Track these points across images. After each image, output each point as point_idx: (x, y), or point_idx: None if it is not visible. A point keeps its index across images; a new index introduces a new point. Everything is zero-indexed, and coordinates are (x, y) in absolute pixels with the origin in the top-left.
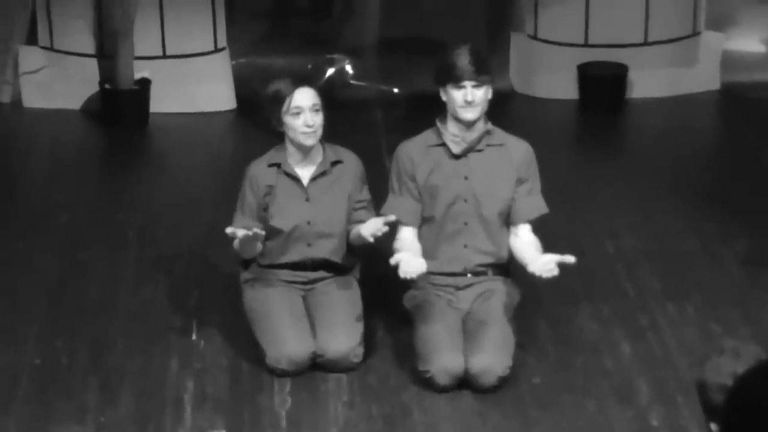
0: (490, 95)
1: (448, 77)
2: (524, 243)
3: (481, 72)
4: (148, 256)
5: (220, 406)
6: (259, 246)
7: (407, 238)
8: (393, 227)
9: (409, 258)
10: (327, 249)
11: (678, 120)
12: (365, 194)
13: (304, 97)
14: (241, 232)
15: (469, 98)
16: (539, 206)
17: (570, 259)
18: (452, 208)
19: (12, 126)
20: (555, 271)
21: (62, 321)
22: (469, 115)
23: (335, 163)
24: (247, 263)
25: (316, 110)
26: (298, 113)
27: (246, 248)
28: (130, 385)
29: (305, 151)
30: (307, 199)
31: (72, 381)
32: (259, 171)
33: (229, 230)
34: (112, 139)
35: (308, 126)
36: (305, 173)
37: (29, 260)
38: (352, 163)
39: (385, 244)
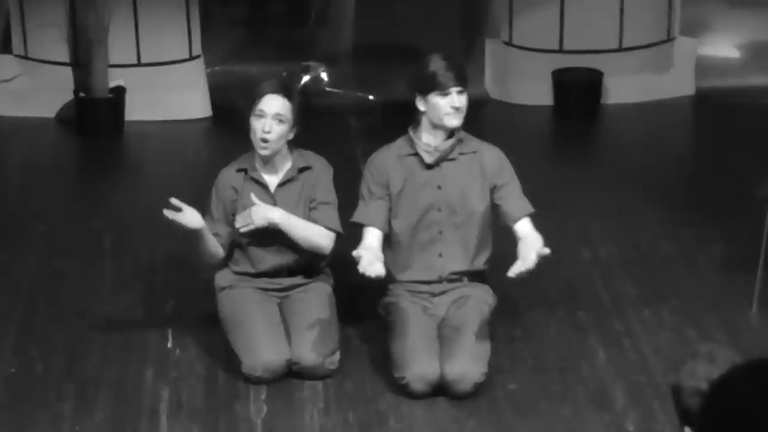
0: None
1: (432, 86)
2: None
3: (463, 78)
4: (124, 265)
5: (195, 414)
6: (212, 244)
7: (372, 242)
8: (359, 233)
9: (372, 259)
10: (296, 253)
11: (653, 125)
12: (324, 196)
13: (270, 104)
14: (188, 209)
15: (456, 104)
16: (526, 206)
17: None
18: (426, 217)
19: None
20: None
21: (37, 329)
22: (455, 121)
23: (303, 169)
24: (220, 268)
25: (279, 120)
26: (260, 116)
27: (197, 238)
28: (106, 393)
29: (265, 159)
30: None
31: (47, 390)
32: (226, 176)
33: (173, 200)
34: (87, 147)
35: (264, 132)
36: (272, 179)
37: (4, 269)
38: (319, 169)
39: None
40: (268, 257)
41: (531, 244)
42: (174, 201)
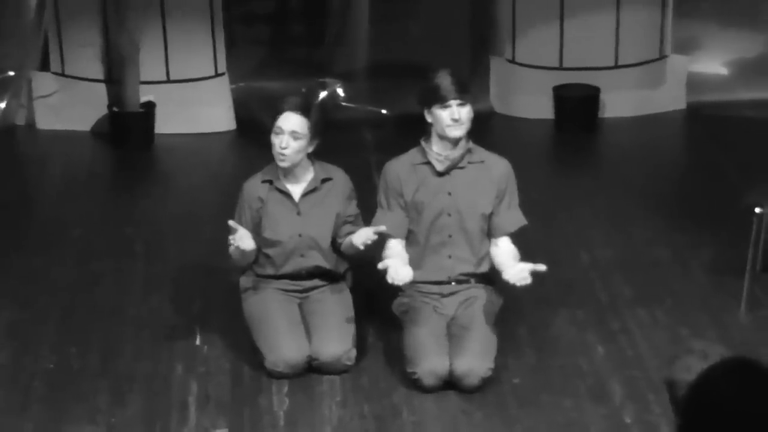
0: (471, 114)
1: (434, 99)
2: (503, 252)
3: (464, 91)
4: (155, 267)
5: (222, 407)
6: (252, 253)
7: (395, 248)
8: (382, 238)
9: (398, 265)
10: (318, 258)
11: (647, 138)
12: (353, 209)
13: (287, 122)
14: (242, 230)
15: (455, 116)
16: (518, 219)
17: (541, 267)
18: (437, 222)
19: (26, 147)
20: (528, 280)
21: (75, 328)
22: (456, 132)
23: (325, 180)
24: (244, 271)
25: (296, 137)
26: (277, 133)
27: (240, 253)
28: (139, 387)
29: (285, 171)
30: (299, 213)
31: (84, 384)
32: (252, 187)
33: (231, 222)
34: (120, 158)
35: (281, 147)
36: (296, 189)
37: (44, 272)
38: (340, 180)
39: (376, 254)
40: (290, 262)
41: (515, 257)
42: (231, 223)
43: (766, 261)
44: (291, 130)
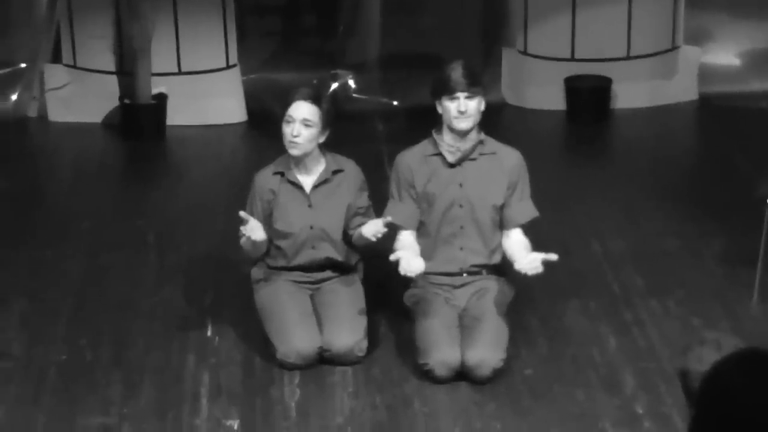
0: (482, 107)
1: (443, 90)
2: (515, 243)
3: (473, 84)
4: (166, 259)
5: (234, 398)
6: (263, 244)
7: (407, 239)
8: (393, 229)
9: (410, 257)
10: (329, 250)
11: (659, 128)
12: (364, 200)
13: (298, 110)
14: (253, 221)
15: (462, 108)
16: (530, 211)
17: (553, 257)
18: (448, 213)
19: (38, 139)
20: (539, 269)
21: (87, 320)
22: (462, 124)
23: (336, 171)
24: (255, 262)
25: (307, 125)
26: (289, 122)
27: (251, 244)
28: (151, 379)
29: (296, 160)
30: (310, 205)
31: (96, 376)
32: (264, 178)
33: (242, 213)
34: (131, 150)
35: (293, 135)
36: (308, 181)
37: (56, 264)
38: (352, 172)
39: (387, 245)
40: (301, 253)
41: (527, 248)
42: (242, 214)
43: None
44: (302, 118)
